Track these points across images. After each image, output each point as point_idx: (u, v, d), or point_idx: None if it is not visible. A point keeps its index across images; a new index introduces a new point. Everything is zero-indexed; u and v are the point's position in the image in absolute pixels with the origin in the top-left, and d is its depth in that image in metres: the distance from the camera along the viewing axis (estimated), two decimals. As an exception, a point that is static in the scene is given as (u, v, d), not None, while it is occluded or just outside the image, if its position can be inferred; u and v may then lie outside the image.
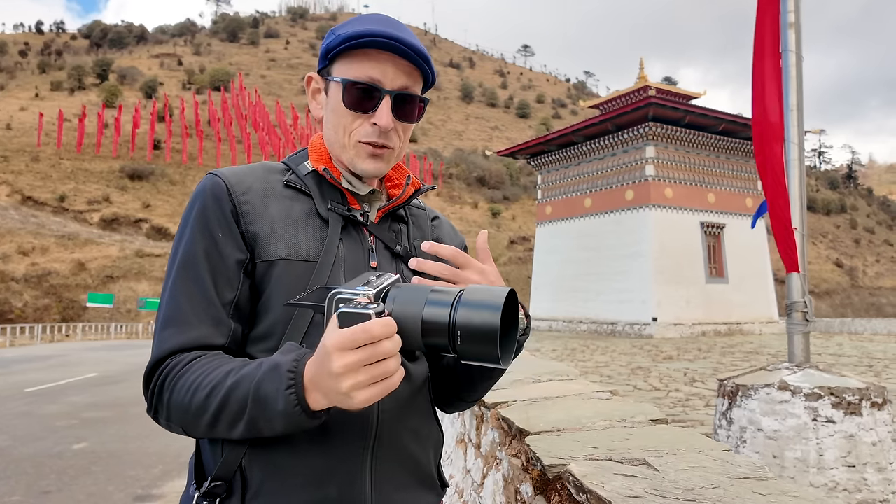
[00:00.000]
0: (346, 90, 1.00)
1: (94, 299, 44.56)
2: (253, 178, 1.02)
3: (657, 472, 1.36)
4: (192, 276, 0.95)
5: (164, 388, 0.90)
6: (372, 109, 1.00)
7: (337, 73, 1.02)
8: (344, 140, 1.03)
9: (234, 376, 0.85)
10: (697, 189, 26.38)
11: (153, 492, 5.18)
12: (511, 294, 0.83)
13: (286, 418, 0.81)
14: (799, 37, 4.27)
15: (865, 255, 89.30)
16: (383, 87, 0.99)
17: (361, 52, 1.00)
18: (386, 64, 0.99)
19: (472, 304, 0.80)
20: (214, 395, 0.85)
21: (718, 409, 4.20)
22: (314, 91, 1.10)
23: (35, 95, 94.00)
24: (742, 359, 13.49)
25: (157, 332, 0.95)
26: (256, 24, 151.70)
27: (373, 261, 1.04)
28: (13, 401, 10.25)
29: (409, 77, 1.02)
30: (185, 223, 0.98)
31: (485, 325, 0.78)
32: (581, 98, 53.18)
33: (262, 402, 0.82)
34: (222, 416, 0.85)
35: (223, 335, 0.95)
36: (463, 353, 0.81)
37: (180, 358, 0.91)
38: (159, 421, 0.94)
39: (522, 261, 62.67)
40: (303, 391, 0.80)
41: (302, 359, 0.82)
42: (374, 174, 1.04)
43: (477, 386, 1.13)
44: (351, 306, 0.78)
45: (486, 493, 2.43)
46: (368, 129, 1.01)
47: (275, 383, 0.81)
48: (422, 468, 1.04)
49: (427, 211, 1.21)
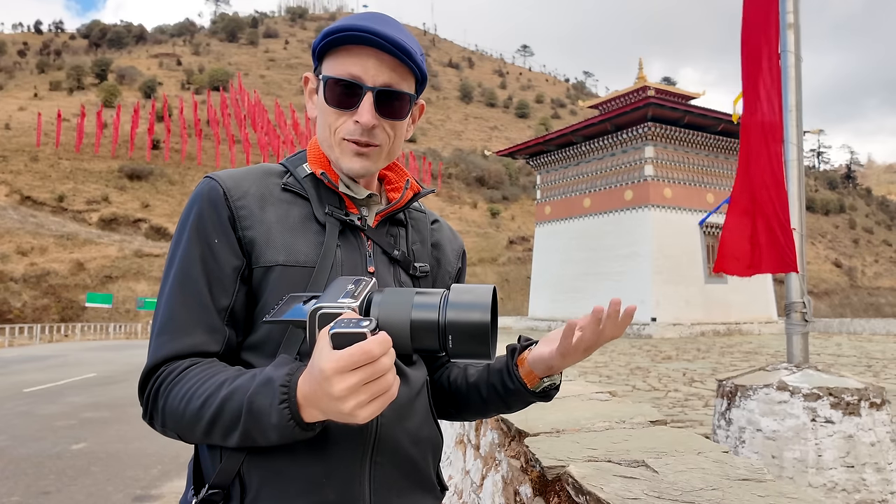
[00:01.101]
0: (327, 87, 0.99)
1: (92, 299, 44.54)
2: (250, 182, 1.01)
3: (656, 473, 1.36)
4: (187, 282, 0.95)
5: (158, 395, 0.91)
6: (354, 107, 0.98)
7: (323, 71, 1.01)
8: (330, 139, 1.02)
9: (227, 387, 0.85)
10: (697, 189, 26.40)
11: (152, 492, 5.18)
12: (493, 291, 0.84)
13: (280, 431, 0.81)
14: (798, 37, 4.27)
15: (864, 256, 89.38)
16: (364, 84, 0.97)
17: (344, 49, 0.98)
18: (367, 60, 0.97)
19: (460, 305, 0.80)
20: (208, 406, 0.85)
21: (717, 409, 4.20)
22: (310, 92, 1.09)
23: (34, 95, 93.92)
24: (741, 359, 13.50)
25: (152, 338, 0.95)
26: (255, 24, 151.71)
27: (370, 266, 1.03)
28: (12, 401, 10.24)
29: (394, 73, 0.99)
30: (182, 228, 0.98)
31: (475, 325, 0.79)
32: (580, 98, 53.18)
33: (256, 416, 0.82)
34: (216, 426, 0.85)
35: (217, 342, 0.95)
36: (455, 354, 0.81)
37: (175, 365, 0.91)
38: (154, 426, 0.94)
39: (522, 261, 62.70)
40: (296, 406, 0.79)
41: (295, 373, 0.81)
42: (360, 173, 1.02)
43: (489, 413, 1.16)
44: (343, 325, 0.75)
45: (486, 494, 2.43)
46: (351, 126, 0.99)
47: (268, 398, 0.81)
48: (420, 472, 1.03)
49: (427, 214, 1.20)
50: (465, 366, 1.17)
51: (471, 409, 1.16)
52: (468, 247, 4.40)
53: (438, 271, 1.17)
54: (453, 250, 1.21)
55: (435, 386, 1.19)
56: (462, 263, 1.23)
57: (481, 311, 0.79)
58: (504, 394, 1.07)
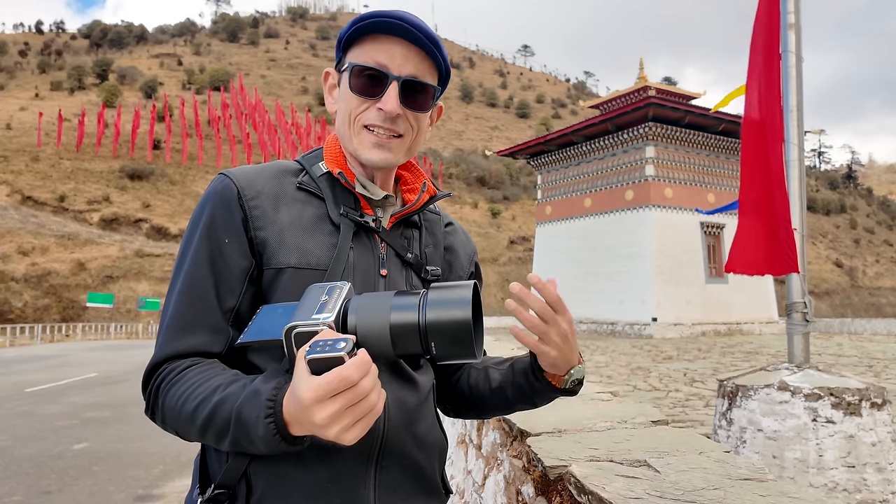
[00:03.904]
0: (352, 74, 0.99)
1: (93, 299, 44.56)
2: (264, 181, 1.00)
3: (658, 473, 1.36)
4: (195, 281, 0.95)
5: (158, 393, 0.92)
6: (379, 95, 0.98)
7: (348, 60, 1.01)
8: (350, 128, 1.01)
9: (220, 393, 0.85)
10: (697, 189, 26.38)
11: (154, 492, 5.18)
12: (474, 288, 0.82)
13: (266, 443, 0.81)
14: (799, 38, 4.27)
15: (865, 256, 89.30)
16: (391, 73, 0.97)
17: (371, 38, 0.98)
18: (394, 49, 0.97)
19: (439, 304, 0.78)
20: (202, 409, 0.85)
21: (718, 409, 4.20)
22: (330, 87, 1.08)
23: (35, 95, 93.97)
24: (742, 359, 13.49)
25: (159, 335, 0.96)
26: (256, 24, 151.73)
27: (383, 269, 1.02)
28: (13, 401, 10.25)
29: (421, 65, 0.99)
30: (194, 227, 0.97)
31: (457, 323, 0.77)
32: (581, 98, 53.15)
33: (244, 426, 0.82)
34: (209, 430, 0.86)
35: (220, 343, 0.95)
36: (438, 356, 0.79)
37: (176, 364, 0.92)
38: (156, 421, 0.95)
39: (522, 261, 62.69)
40: (283, 421, 0.79)
41: (281, 388, 0.80)
42: (381, 164, 1.01)
43: (512, 411, 1.15)
44: (318, 349, 0.73)
45: (488, 494, 2.44)
46: (374, 113, 0.99)
47: (255, 410, 0.81)
48: (426, 476, 1.03)
49: (441, 216, 1.18)
50: (484, 367, 1.15)
51: (493, 409, 1.16)
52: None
53: (450, 275, 1.16)
54: (466, 254, 1.20)
55: (454, 390, 1.18)
56: (475, 268, 1.22)
57: (462, 307, 0.77)
58: (531, 393, 1.07)
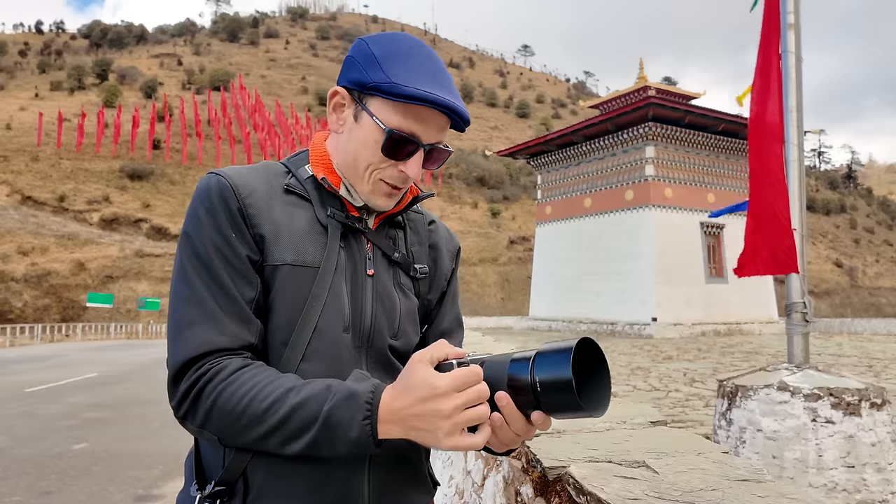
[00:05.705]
0: (387, 139, 0.97)
1: (93, 299, 44.60)
2: (256, 180, 1.00)
3: (656, 474, 1.36)
4: (211, 275, 0.93)
5: (203, 394, 0.87)
6: (405, 158, 0.99)
7: (377, 112, 0.97)
8: (364, 174, 1.01)
9: (296, 395, 0.85)
10: (697, 189, 26.41)
11: (154, 492, 5.19)
12: (587, 342, 0.83)
13: (354, 445, 0.83)
14: (798, 38, 4.28)
15: (865, 255, 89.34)
16: (420, 142, 0.98)
17: (412, 106, 0.97)
18: (430, 121, 0.98)
19: (545, 356, 0.83)
20: (274, 411, 0.84)
21: (718, 409, 4.21)
22: (337, 105, 1.05)
23: (35, 95, 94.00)
24: (742, 359, 13.51)
25: (179, 331, 0.91)
26: (256, 24, 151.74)
27: (370, 268, 1.04)
28: (13, 401, 10.26)
29: (444, 130, 1.01)
30: (195, 225, 0.96)
31: (558, 376, 0.80)
32: (581, 98, 53.13)
33: (334, 428, 0.83)
34: (279, 432, 0.85)
35: (253, 333, 0.93)
36: (548, 407, 0.83)
37: (222, 364, 0.88)
38: (187, 425, 0.91)
39: (522, 261, 62.71)
40: (377, 422, 0.83)
41: (377, 389, 0.84)
42: (385, 209, 1.05)
43: None
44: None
45: (487, 495, 2.44)
46: (395, 173, 1.00)
47: (350, 412, 0.83)
48: (416, 470, 1.05)
49: (424, 215, 1.21)
50: None
51: None
52: (469, 247, 4.43)
53: (436, 273, 1.17)
54: (448, 251, 1.21)
55: None
56: (455, 263, 1.24)
57: (563, 358, 0.81)
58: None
